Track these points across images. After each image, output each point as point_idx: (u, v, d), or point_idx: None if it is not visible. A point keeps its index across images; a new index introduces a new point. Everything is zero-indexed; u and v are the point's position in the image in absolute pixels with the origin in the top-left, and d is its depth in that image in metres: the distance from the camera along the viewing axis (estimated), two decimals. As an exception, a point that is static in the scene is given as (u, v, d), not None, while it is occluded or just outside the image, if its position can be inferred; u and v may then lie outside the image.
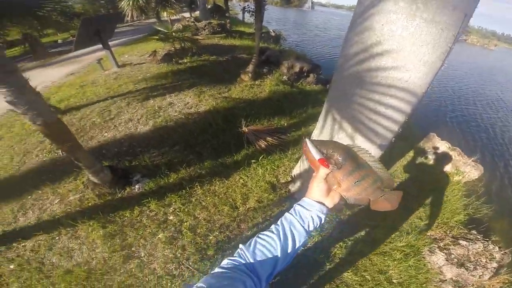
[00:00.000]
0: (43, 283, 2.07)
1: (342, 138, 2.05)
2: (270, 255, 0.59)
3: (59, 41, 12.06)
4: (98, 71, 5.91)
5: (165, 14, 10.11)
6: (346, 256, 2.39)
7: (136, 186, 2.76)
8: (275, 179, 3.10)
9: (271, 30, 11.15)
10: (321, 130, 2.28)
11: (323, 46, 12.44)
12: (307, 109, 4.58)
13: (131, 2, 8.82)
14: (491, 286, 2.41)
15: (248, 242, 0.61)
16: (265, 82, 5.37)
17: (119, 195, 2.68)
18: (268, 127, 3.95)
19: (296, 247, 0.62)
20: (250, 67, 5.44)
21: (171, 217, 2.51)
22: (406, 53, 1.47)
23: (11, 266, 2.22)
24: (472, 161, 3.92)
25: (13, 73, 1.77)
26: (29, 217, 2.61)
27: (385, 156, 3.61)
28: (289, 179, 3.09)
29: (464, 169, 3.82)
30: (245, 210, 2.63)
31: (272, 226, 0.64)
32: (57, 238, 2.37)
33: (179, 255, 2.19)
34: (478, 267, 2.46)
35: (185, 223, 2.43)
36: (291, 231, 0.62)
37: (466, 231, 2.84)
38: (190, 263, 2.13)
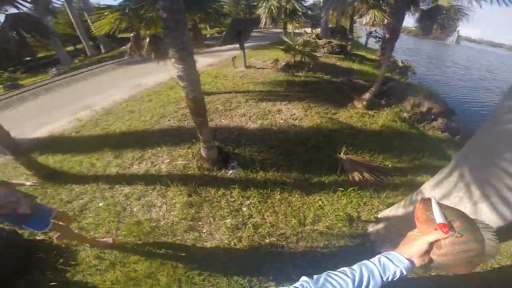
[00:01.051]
0: (111, 225, 2.47)
1: (461, 197, 1.76)
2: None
3: (207, 35, 15.03)
4: (229, 68, 6.97)
5: (290, 26, 10.83)
6: None
7: (230, 171, 3.07)
8: (356, 214, 2.80)
9: (399, 60, 10.01)
10: (438, 184, 1.96)
11: (462, 89, 10.09)
12: (422, 157, 3.85)
13: (266, 11, 10.00)
14: None
15: (315, 278, 0.57)
16: (380, 114, 4.87)
17: (214, 173, 3.03)
18: (368, 162, 3.57)
19: None
20: (367, 95, 5.06)
21: (244, 209, 2.66)
22: None
23: (100, 204, 2.73)
24: None
25: (191, 55, 2.28)
26: (141, 167, 3.25)
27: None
28: (373, 219, 2.75)
29: None
30: (311, 230, 2.52)
31: (347, 269, 0.60)
32: (150, 191, 2.83)
33: (232, 244, 2.30)
34: None
35: (253, 219, 2.54)
36: (369, 279, 0.58)
37: None
38: (237, 254, 2.21)
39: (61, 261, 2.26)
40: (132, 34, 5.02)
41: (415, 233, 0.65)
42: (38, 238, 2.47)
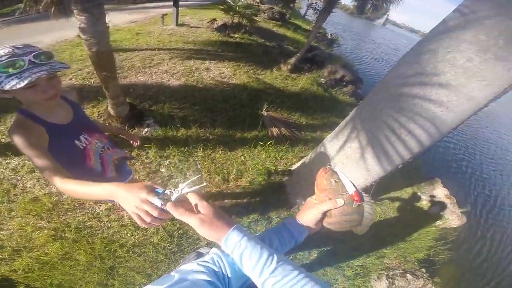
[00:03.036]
0: (0, 207, 2.01)
1: (353, 148, 2.02)
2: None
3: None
4: (157, 25, 6.20)
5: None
6: (306, 260, 2.39)
7: (145, 129, 2.85)
8: (274, 168, 3.09)
9: (328, 33, 10.67)
10: (337, 135, 2.23)
11: (374, 64, 11.56)
12: (331, 117, 4.42)
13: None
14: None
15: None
16: (301, 78, 5.24)
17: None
18: (286, 118, 3.92)
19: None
20: (293, 60, 5.34)
21: (163, 170, 2.50)
22: (455, 84, 1.41)
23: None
24: (460, 212, 3.83)
25: (100, 6, 1.98)
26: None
27: (384, 182, 3.48)
28: (287, 172, 3.09)
29: (449, 217, 3.76)
30: (234, 186, 2.63)
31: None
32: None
33: None
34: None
35: (174, 180, 2.42)
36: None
37: (417, 268, 2.80)
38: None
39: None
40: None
41: (313, 200, 0.68)
42: None
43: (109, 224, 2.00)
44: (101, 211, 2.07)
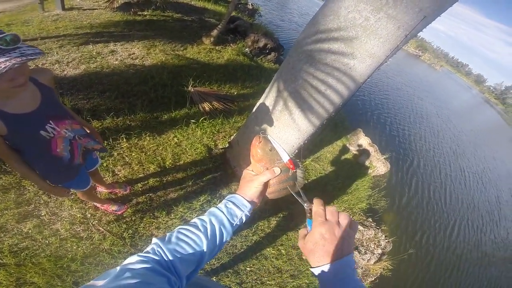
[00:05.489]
0: None
1: (280, 110, 2.01)
2: (194, 253, 0.51)
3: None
4: (35, 12, 4.78)
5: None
6: (267, 229, 2.38)
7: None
8: (213, 143, 2.90)
9: (249, 3, 10.29)
10: (265, 98, 2.20)
11: (294, 31, 11.88)
12: (260, 84, 4.37)
13: None
14: (374, 270, 2.63)
15: (167, 237, 0.52)
16: (226, 50, 4.94)
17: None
18: (216, 92, 3.67)
19: (223, 245, 0.58)
20: (215, 32, 4.92)
21: None
22: (358, 42, 1.47)
23: None
24: (384, 158, 4.31)
25: None
26: None
27: (315, 141, 3.71)
28: (227, 145, 2.93)
29: (376, 164, 4.21)
30: (174, 172, 2.38)
31: (198, 222, 0.56)
32: None
33: (89, 215, 1.86)
34: (367, 251, 2.67)
35: (104, 180, 2.08)
36: (220, 229, 0.56)
37: (364, 218, 3.09)
38: (102, 225, 1.84)
39: None
40: None
41: (250, 172, 0.64)
42: None
43: (46, 241, 1.69)
44: (29, 229, 1.70)
